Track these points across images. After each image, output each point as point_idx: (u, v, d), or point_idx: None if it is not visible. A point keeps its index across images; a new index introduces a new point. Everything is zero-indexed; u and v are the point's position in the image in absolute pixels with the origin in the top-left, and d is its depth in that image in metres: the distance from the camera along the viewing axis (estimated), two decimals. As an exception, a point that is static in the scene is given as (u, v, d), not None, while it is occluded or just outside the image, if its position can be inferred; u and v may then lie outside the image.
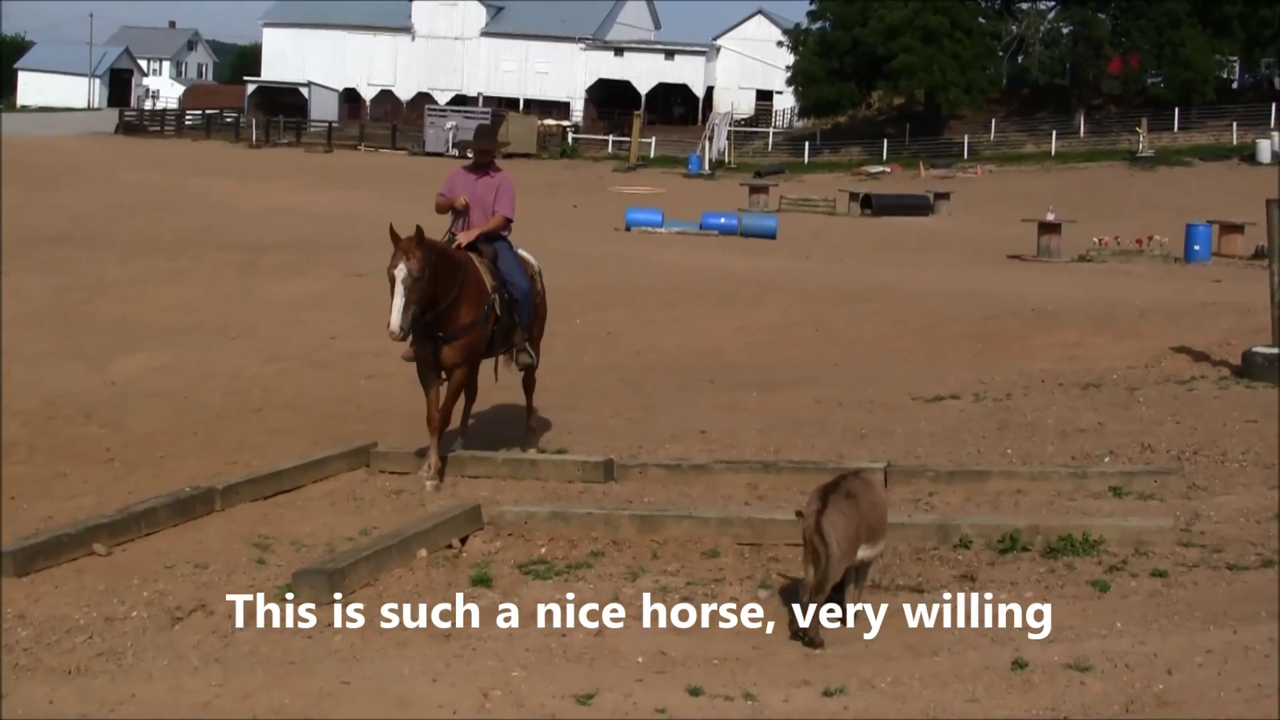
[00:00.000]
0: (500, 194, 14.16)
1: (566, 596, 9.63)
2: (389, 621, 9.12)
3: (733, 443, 14.84)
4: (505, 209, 14.15)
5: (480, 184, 14.18)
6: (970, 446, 14.66)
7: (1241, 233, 40.50)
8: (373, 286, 27.98)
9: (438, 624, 9.07)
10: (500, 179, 14.29)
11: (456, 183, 14.30)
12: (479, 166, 14.36)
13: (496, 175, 14.31)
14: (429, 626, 9.03)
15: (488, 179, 14.23)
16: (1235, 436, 14.34)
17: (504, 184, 14.25)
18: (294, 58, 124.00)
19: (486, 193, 14.12)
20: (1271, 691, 7.05)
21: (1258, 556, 10.09)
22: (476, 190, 14.13)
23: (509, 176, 14.48)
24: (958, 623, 8.68)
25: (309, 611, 9.12)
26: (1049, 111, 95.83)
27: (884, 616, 8.93)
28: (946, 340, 22.28)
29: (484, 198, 14.09)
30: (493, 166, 14.41)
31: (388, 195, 57.65)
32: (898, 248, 42.48)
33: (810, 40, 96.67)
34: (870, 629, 8.75)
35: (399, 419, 16.55)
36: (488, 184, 14.19)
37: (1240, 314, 21.80)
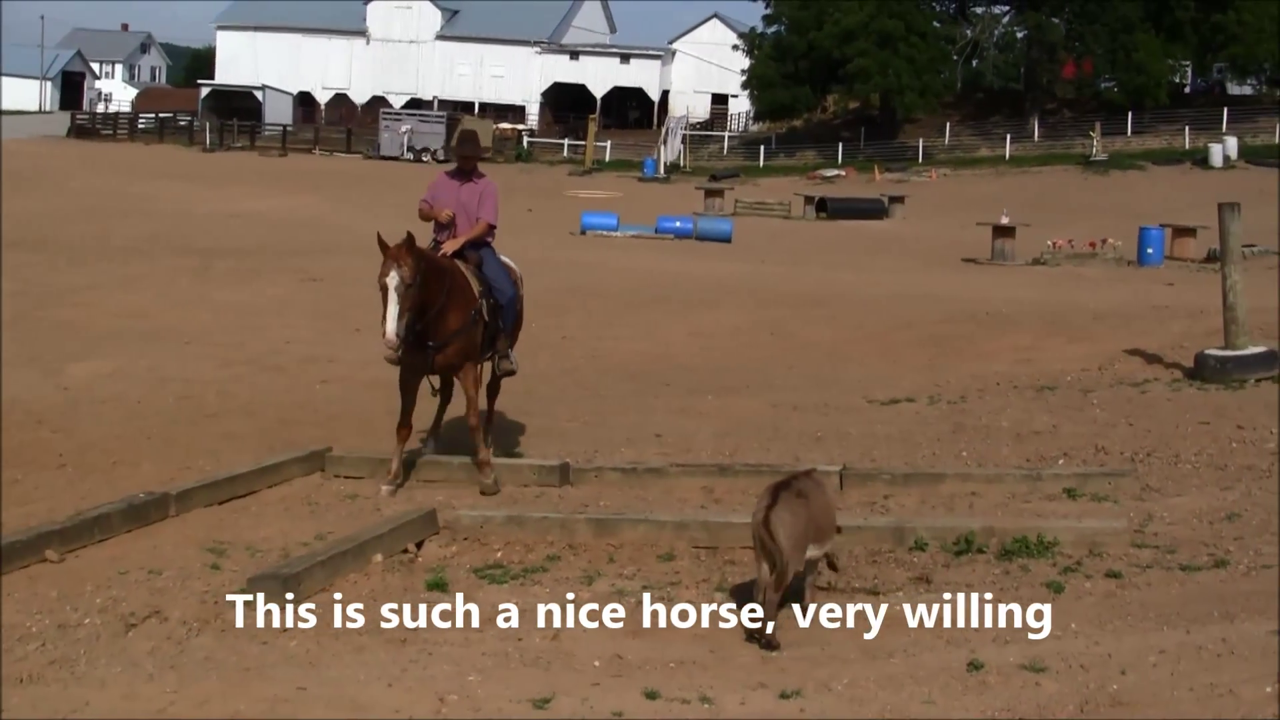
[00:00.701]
0: (484, 200, 14.11)
1: (523, 601, 9.63)
2: (345, 626, 9.10)
3: (688, 446, 14.86)
4: (489, 215, 14.10)
5: (464, 190, 14.11)
6: (925, 449, 14.72)
7: (1194, 236, 40.71)
8: (328, 291, 28.04)
9: (394, 629, 9.04)
10: (484, 185, 14.25)
11: (440, 190, 14.21)
12: (462, 173, 14.26)
13: (480, 181, 14.26)
14: (385, 631, 9.00)
15: (471, 185, 14.16)
16: (1188, 438, 14.43)
17: (488, 190, 14.22)
18: (248, 61, 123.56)
19: (470, 199, 14.06)
20: (1223, 691, 7.09)
21: (1210, 557, 10.17)
22: (460, 197, 14.05)
23: (492, 182, 14.44)
24: (958, 622, 8.69)
25: (264, 616, 9.11)
26: (1003, 115, 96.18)
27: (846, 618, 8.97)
28: (901, 344, 22.34)
29: (468, 204, 14.03)
30: (476, 172, 14.34)
31: (343, 199, 57.61)
32: (852, 251, 42.55)
33: (765, 44, 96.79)
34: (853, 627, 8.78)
35: (353, 424, 16.51)
36: (472, 190, 14.13)
37: (1193, 317, 21.91)
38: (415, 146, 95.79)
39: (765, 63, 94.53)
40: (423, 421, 14.27)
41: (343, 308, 25.81)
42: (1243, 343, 18.04)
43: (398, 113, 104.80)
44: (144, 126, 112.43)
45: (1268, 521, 11.08)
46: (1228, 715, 6.80)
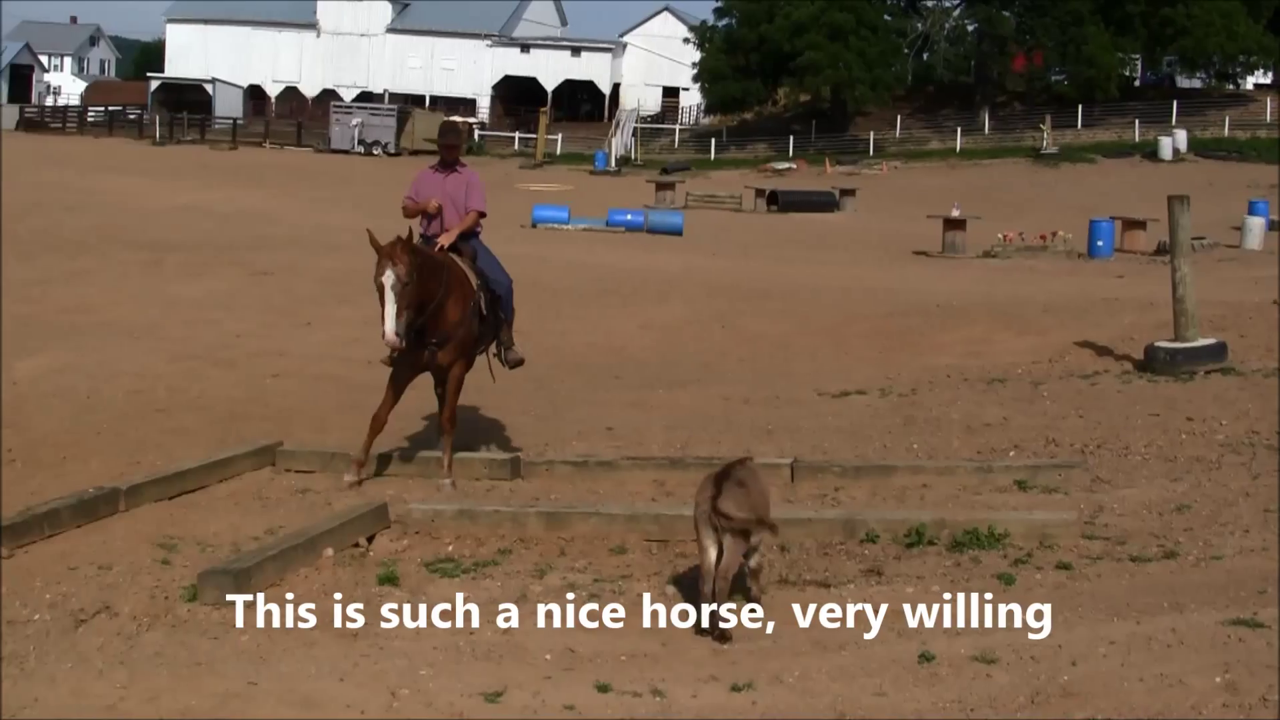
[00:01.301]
0: (471, 190, 13.96)
1: (474, 594, 9.62)
2: (296, 621, 9.07)
3: (640, 440, 14.87)
4: (478, 204, 13.97)
5: (449, 182, 13.96)
6: (876, 442, 14.76)
7: (1144, 229, 40.93)
8: (278, 285, 27.93)
9: (345, 623, 9.02)
10: (469, 175, 14.10)
11: (424, 185, 14.07)
12: (445, 165, 14.10)
13: (464, 172, 14.11)
14: (336, 626, 8.97)
15: (456, 176, 14.00)
16: (1138, 430, 14.51)
17: (473, 180, 14.06)
18: (198, 54, 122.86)
19: (457, 191, 13.91)
20: (1173, 681, 7.13)
21: (1160, 548, 10.22)
22: (446, 189, 13.91)
23: (475, 172, 14.30)
24: (958, 622, 8.69)
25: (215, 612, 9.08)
26: (954, 108, 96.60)
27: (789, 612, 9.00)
28: (852, 336, 22.37)
29: (455, 196, 13.88)
30: (459, 163, 14.16)
31: (294, 193, 57.42)
32: (804, 244, 42.62)
33: (716, 37, 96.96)
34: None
35: (305, 417, 16.46)
36: (457, 181, 13.97)
37: (1142, 309, 22.01)
38: (366, 140, 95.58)
39: (716, 56, 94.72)
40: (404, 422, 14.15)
41: (293, 302, 25.73)
42: (1192, 335, 18.15)
43: (348, 106, 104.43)
44: (93, 120, 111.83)
45: (1217, 513, 11.16)
46: (1177, 705, 6.85)
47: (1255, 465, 12.73)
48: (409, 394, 14.32)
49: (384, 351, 13.34)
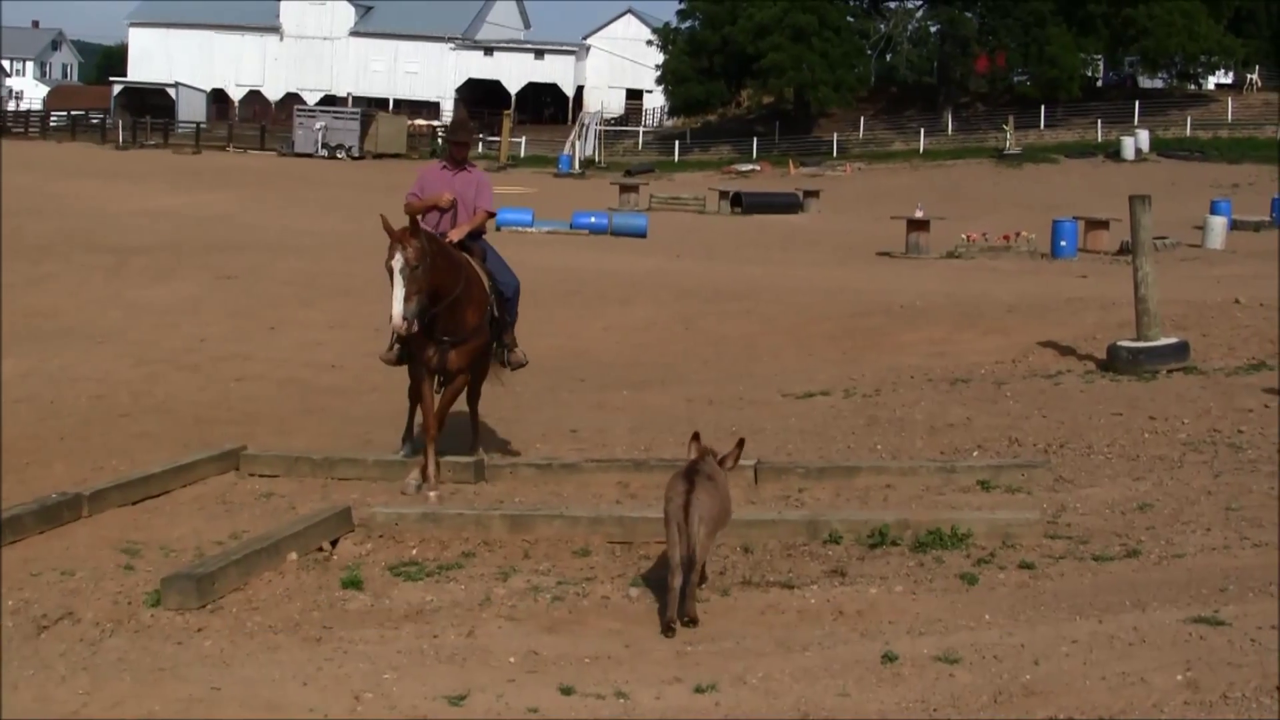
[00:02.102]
0: (481, 190, 13.69)
1: (438, 597, 9.62)
2: (259, 625, 9.05)
3: (604, 441, 14.87)
4: (488, 204, 13.72)
5: (459, 180, 13.65)
6: (840, 442, 14.79)
7: (1107, 228, 41.15)
8: (242, 289, 27.86)
9: (309, 627, 9.00)
10: (479, 175, 13.87)
11: (431, 181, 13.75)
12: (455, 162, 13.81)
13: (474, 171, 13.87)
14: (300, 630, 8.96)
15: (466, 175, 13.73)
16: (1100, 429, 14.56)
17: (483, 180, 13.84)
18: (161, 58, 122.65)
19: (467, 189, 13.60)
20: (1135, 679, 7.16)
21: (1122, 547, 10.25)
22: (455, 187, 13.56)
23: (485, 172, 14.07)
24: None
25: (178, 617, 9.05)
26: (917, 109, 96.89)
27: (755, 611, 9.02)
28: (816, 337, 22.42)
29: (464, 195, 13.56)
30: (468, 162, 13.90)
31: (257, 197, 57.27)
32: (767, 246, 42.70)
33: (679, 39, 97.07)
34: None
35: (269, 422, 16.44)
36: (467, 180, 13.68)
37: (1105, 308, 22.10)
38: (330, 143, 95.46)
39: (679, 58, 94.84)
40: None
41: (258, 305, 25.69)
42: (1154, 334, 18.22)
43: (312, 109, 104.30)
44: (56, 124, 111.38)
45: (1179, 511, 11.20)
46: (1139, 703, 6.87)
47: (1217, 464, 12.79)
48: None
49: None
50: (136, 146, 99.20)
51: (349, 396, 18.31)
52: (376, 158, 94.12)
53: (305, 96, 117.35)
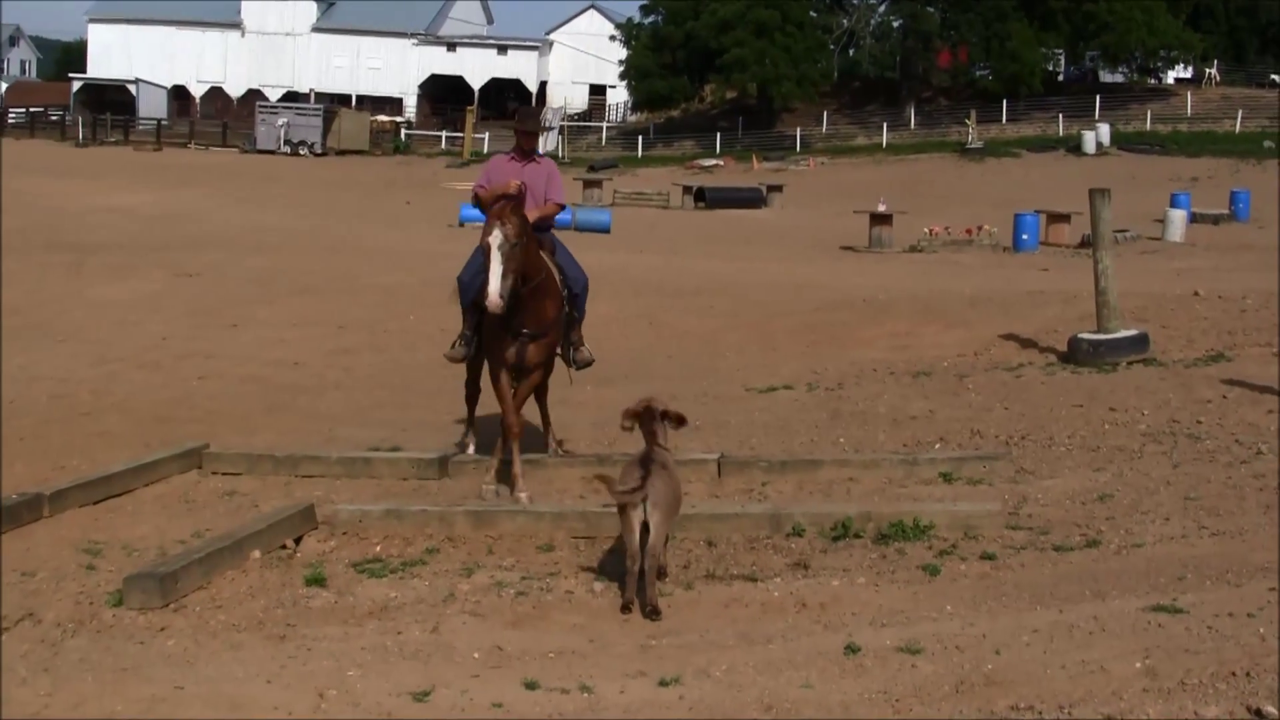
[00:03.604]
0: (552, 181, 13.30)
1: (402, 594, 9.63)
2: (223, 624, 9.05)
3: (567, 436, 14.85)
4: (559, 196, 13.36)
5: (528, 171, 13.17)
6: (803, 436, 14.81)
7: (1068, 222, 41.26)
8: (204, 286, 27.77)
9: (272, 625, 9.00)
10: (548, 165, 13.47)
11: (499, 173, 13.27)
12: (522, 152, 13.34)
13: (544, 162, 13.47)
14: (263, 627, 8.96)
15: (535, 166, 13.28)
16: (1061, 421, 14.62)
17: (553, 171, 13.45)
18: (121, 54, 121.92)
19: (536, 180, 13.13)
20: (1095, 668, 7.21)
21: (1083, 537, 10.32)
22: (524, 177, 13.00)
23: (553, 162, 13.66)
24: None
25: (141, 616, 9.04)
26: (880, 104, 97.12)
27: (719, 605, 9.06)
28: (779, 332, 22.43)
29: (535, 186, 13.05)
30: (536, 153, 13.46)
31: (219, 194, 57.06)
32: (731, 240, 42.71)
33: (643, 35, 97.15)
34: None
35: (231, 420, 16.38)
36: (536, 171, 13.24)
37: (1066, 301, 22.16)
38: (292, 140, 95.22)
39: (643, 53, 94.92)
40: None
41: (219, 303, 25.60)
42: (1114, 326, 18.29)
43: (274, 106, 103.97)
44: (14, 121, 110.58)
45: (1138, 501, 11.26)
46: (1098, 691, 6.92)
47: (1176, 454, 12.85)
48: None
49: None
50: (97, 144, 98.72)
51: (312, 394, 18.27)
52: (339, 154, 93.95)
53: (267, 93, 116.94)
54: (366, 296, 26.91)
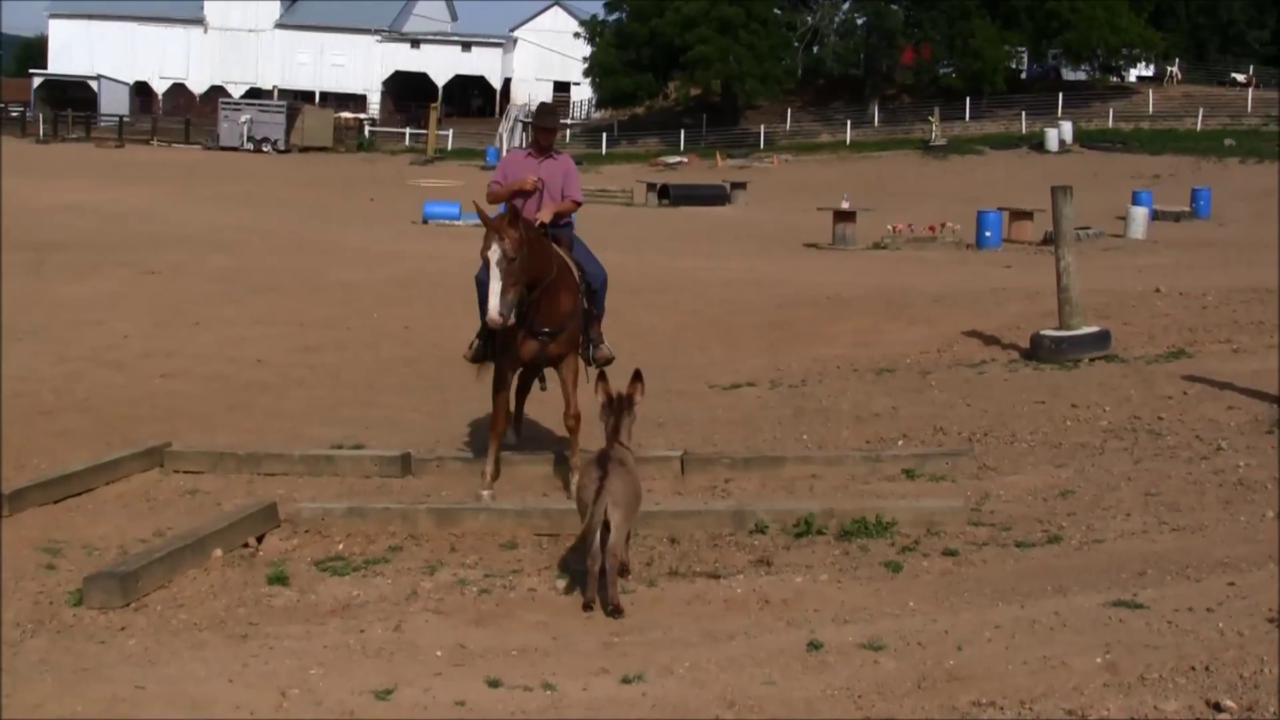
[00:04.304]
0: (569, 178, 13.09)
1: (365, 592, 9.61)
2: (184, 623, 9.01)
3: (530, 434, 14.85)
4: (576, 194, 13.17)
5: (545, 167, 12.99)
6: (766, 433, 14.84)
7: (1031, 219, 41.40)
8: (166, 285, 27.65)
9: (234, 624, 8.97)
10: (566, 162, 13.27)
11: (515, 168, 13.14)
12: (540, 148, 13.17)
13: (560, 158, 13.25)
14: (225, 626, 8.93)
15: (552, 162, 13.08)
16: (1023, 418, 14.67)
17: (570, 167, 13.25)
18: (82, 50, 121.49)
19: (553, 177, 12.97)
20: (1056, 663, 7.23)
21: (1044, 533, 10.36)
22: (541, 174, 12.91)
23: (571, 159, 13.54)
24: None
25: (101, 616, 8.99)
26: (844, 101, 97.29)
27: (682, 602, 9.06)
28: (743, 329, 22.45)
29: (551, 182, 12.94)
30: (554, 149, 13.27)
31: (182, 191, 56.83)
32: (695, 238, 42.74)
33: (607, 32, 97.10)
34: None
35: (193, 418, 16.32)
36: (553, 167, 13.04)
37: (1029, 298, 22.24)
38: (255, 137, 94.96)
39: (607, 50, 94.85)
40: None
41: (182, 301, 25.48)
42: (1076, 323, 18.35)
43: (237, 102, 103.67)
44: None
45: (1099, 497, 11.31)
46: (1059, 686, 6.94)
47: (1137, 450, 12.92)
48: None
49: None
50: (58, 140, 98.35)
51: (275, 392, 18.21)
52: (303, 151, 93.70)
53: (230, 89, 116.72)
54: (329, 294, 26.84)
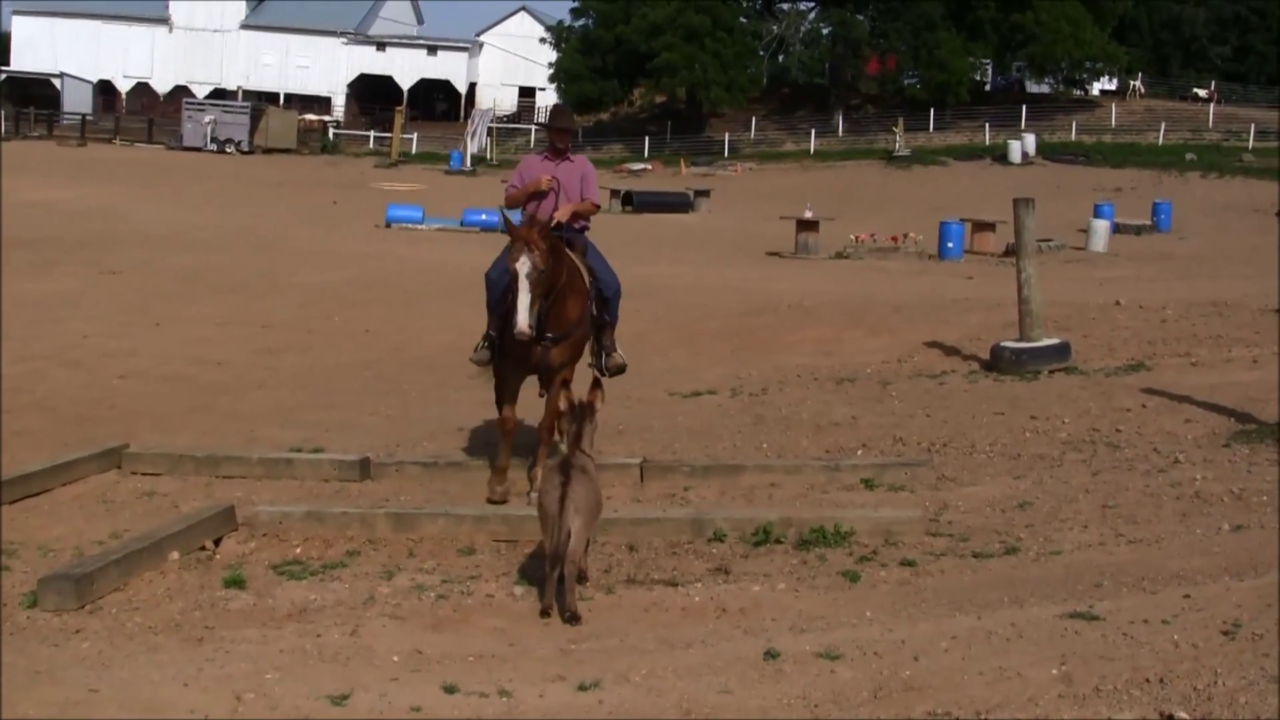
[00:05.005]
0: (587, 181, 12.91)
1: (322, 596, 9.57)
2: (139, 626, 8.97)
3: (491, 440, 14.82)
4: (595, 195, 13.00)
5: (562, 169, 12.80)
6: (726, 441, 14.85)
7: (993, 230, 41.54)
8: (127, 284, 27.56)
9: (190, 627, 8.93)
10: (583, 165, 13.07)
11: (532, 170, 12.93)
12: (556, 151, 12.96)
13: (578, 160, 13.06)
14: (181, 630, 8.88)
15: (569, 165, 12.89)
16: (983, 429, 14.72)
17: (588, 169, 13.06)
18: (45, 47, 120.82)
19: (571, 179, 12.79)
20: (1012, 674, 7.25)
21: (1002, 544, 10.39)
22: (558, 176, 12.72)
23: (589, 162, 13.36)
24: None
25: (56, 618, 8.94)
26: (808, 110, 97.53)
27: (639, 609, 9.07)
28: (704, 336, 22.47)
29: (569, 185, 12.74)
30: (570, 151, 13.07)
31: (144, 191, 56.61)
32: (658, 244, 42.72)
33: (573, 37, 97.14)
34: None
35: (153, 419, 16.27)
36: (570, 170, 12.86)
37: (990, 309, 22.31)
38: (219, 137, 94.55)
39: (572, 56, 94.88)
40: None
41: (143, 301, 25.42)
42: (1037, 335, 18.42)
43: (201, 103, 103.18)
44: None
45: (1057, 509, 11.35)
46: (1015, 697, 6.96)
47: (1095, 462, 12.97)
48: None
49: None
50: (19, 138, 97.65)
51: (235, 394, 18.16)
52: (266, 152, 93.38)
53: (194, 89, 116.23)
54: (291, 296, 26.79)
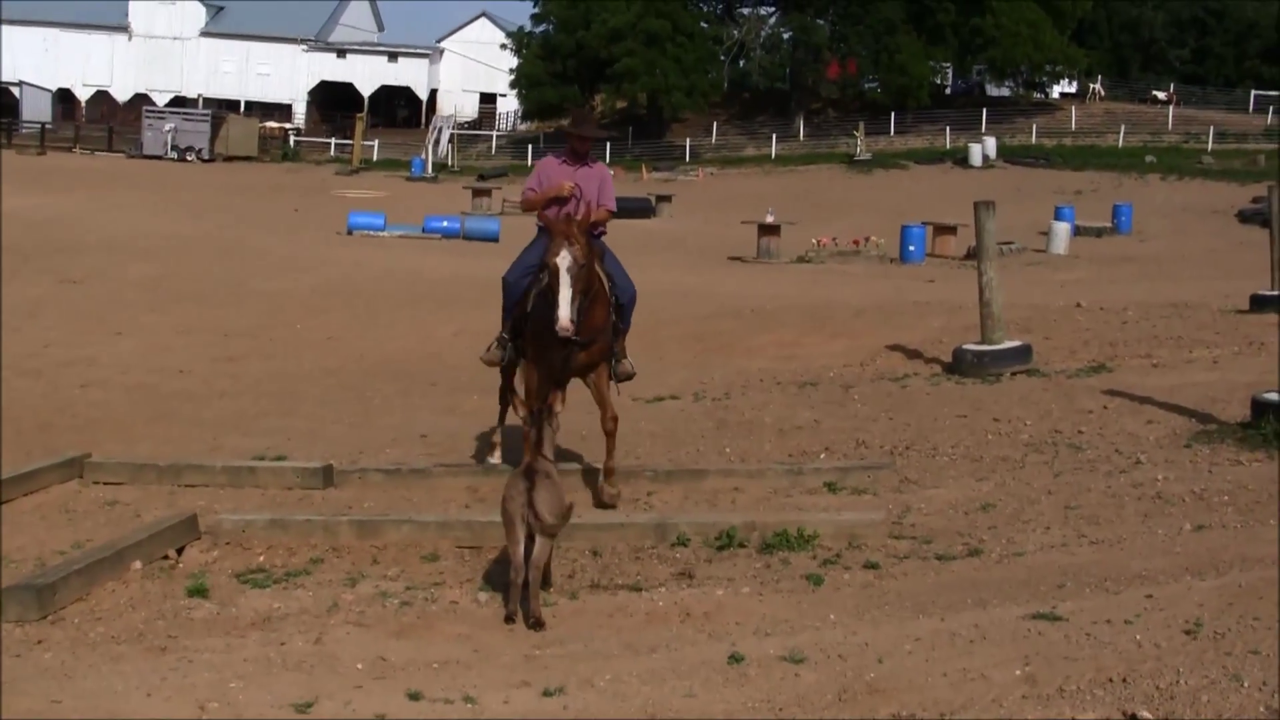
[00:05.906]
0: (605, 186, 12.85)
1: (285, 605, 9.55)
2: (102, 636, 8.93)
3: (454, 446, 14.83)
4: (611, 202, 12.91)
5: (580, 175, 12.76)
6: (689, 445, 14.86)
7: (954, 234, 41.73)
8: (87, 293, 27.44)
9: (153, 637, 8.89)
10: (602, 170, 13.02)
11: (550, 175, 12.87)
12: (575, 155, 12.87)
13: (596, 166, 12.99)
14: (144, 640, 8.85)
15: (588, 170, 12.84)
16: (945, 431, 14.75)
17: (606, 176, 13.00)
18: (3, 55, 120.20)
19: (589, 185, 12.73)
20: (975, 675, 7.27)
21: (965, 547, 10.41)
22: (577, 181, 12.71)
23: (607, 168, 13.22)
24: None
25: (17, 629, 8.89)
26: (769, 115, 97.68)
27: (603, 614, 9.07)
28: (667, 341, 22.47)
29: (587, 190, 12.69)
30: (590, 156, 12.97)
31: (104, 199, 56.37)
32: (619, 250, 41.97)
33: (533, 43, 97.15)
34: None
35: (114, 428, 16.20)
36: (589, 175, 12.81)
37: (951, 312, 22.38)
38: (180, 145, 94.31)
39: (533, 62, 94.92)
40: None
41: (103, 309, 25.33)
42: (998, 337, 18.48)
43: (161, 111, 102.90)
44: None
45: (1020, 511, 11.38)
46: (979, 698, 6.97)
47: (1057, 464, 13.01)
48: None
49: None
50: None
51: (197, 402, 18.11)
52: (227, 160, 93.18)
53: (154, 97, 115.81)
54: (253, 304, 26.72)
